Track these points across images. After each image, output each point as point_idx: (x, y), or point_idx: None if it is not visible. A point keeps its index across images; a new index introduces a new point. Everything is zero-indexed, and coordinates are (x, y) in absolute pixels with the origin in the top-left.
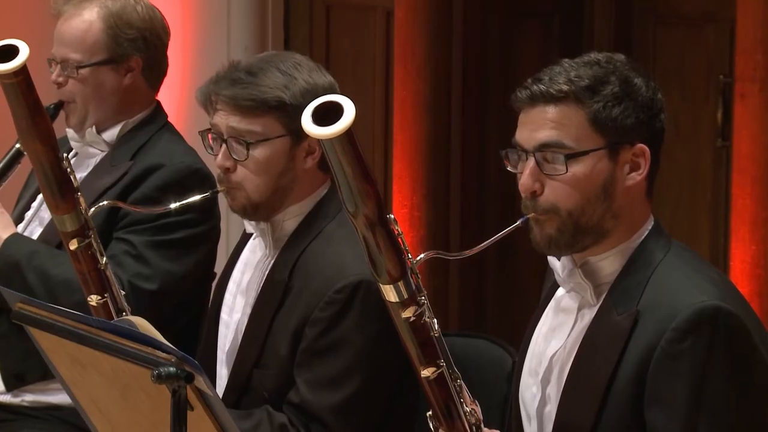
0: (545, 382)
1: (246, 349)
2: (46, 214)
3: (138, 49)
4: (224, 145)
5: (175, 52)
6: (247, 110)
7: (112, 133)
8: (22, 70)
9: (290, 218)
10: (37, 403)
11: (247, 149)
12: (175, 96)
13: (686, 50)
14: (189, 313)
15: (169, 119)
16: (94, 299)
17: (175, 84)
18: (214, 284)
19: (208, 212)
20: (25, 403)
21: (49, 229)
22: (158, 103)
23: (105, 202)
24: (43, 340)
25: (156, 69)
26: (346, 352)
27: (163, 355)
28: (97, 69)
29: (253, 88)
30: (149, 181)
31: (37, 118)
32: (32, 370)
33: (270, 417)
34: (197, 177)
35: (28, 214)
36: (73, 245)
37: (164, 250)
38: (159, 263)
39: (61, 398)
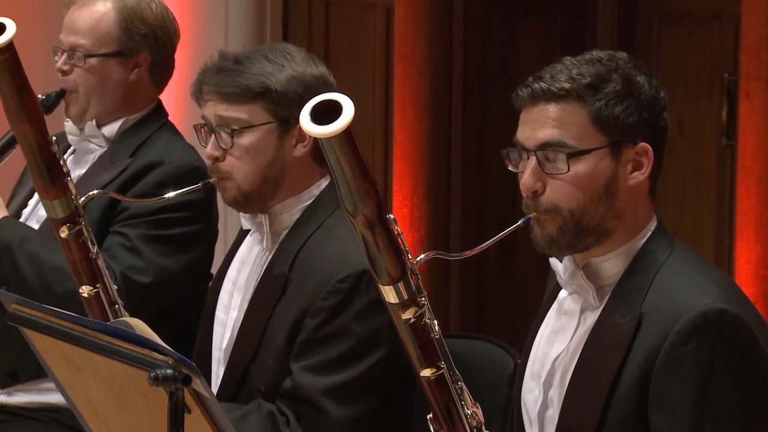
0: (547, 385)
1: (242, 343)
2: (43, 212)
3: (148, 45)
4: (213, 135)
5: None
6: (232, 97)
7: (111, 129)
8: (9, 47)
9: (288, 211)
10: (33, 403)
11: (232, 136)
12: (172, 94)
13: (690, 48)
14: (185, 313)
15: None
16: (85, 290)
17: (171, 82)
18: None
19: (205, 211)
20: (20, 404)
21: (46, 226)
22: (159, 101)
23: (95, 191)
24: (39, 342)
25: (163, 68)
26: (346, 340)
27: (160, 357)
28: (106, 60)
29: (237, 75)
30: (148, 177)
31: (26, 97)
32: (26, 367)
33: (259, 406)
34: (196, 174)
35: (26, 212)
36: (64, 233)
37: (159, 245)
38: (152, 257)
39: (56, 398)
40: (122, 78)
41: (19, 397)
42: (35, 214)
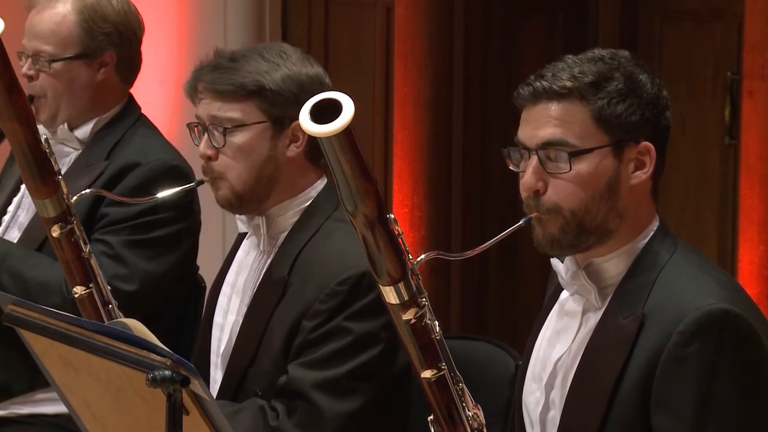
0: (549, 387)
1: (241, 349)
2: (24, 219)
3: (112, 43)
4: (206, 134)
5: (171, 49)
6: (226, 96)
7: (84, 131)
8: None
9: (284, 213)
10: (28, 413)
11: (224, 135)
12: (171, 94)
13: (693, 46)
14: (172, 312)
15: (161, 118)
16: (79, 290)
17: (170, 81)
18: (209, 287)
19: (186, 208)
20: (13, 415)
21: (28, 234)
22: (130, 96)
23: (88, 190)
24: (36, 343)
25: (130, 64)
26: (342, 338)
27: (158, 358)
28: (70, 63)
29: (232, 73)
30: (126, 180)
31: (15, 96)
32: (18, 381)
33: (252, 402)
34: (174, 174)
35: (6, 219)
36: (56, 232)
37: (142, 249)
38: (137, 263)
39: (50, 408)
40: (89, 79)
41: (14, 410)
42: (15, 222)
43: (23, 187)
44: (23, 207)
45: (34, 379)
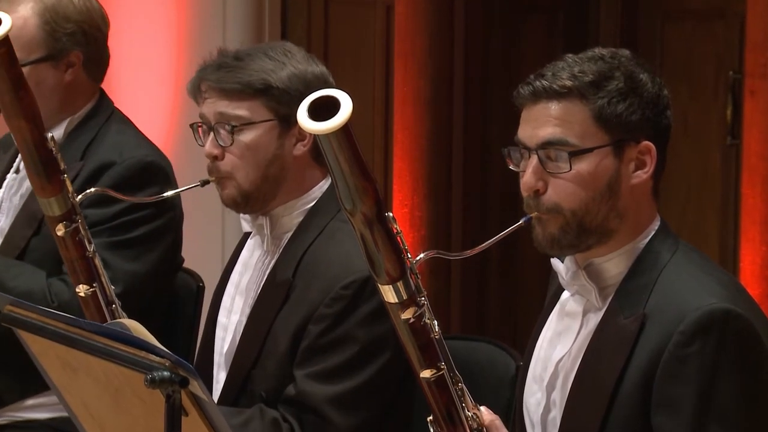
0: (550, 388)
1: (244, 350)
2: (5, 225)
3: (77, 43)
4: (212, 133)
5: (170, 49)
6: (232, 94)
7: (58, 133)
8: (5, 41)
9: (289, 214)
10: (24, 418)
11: (232, 133)
12: (170, 93)
13: (694, 46)
14: (160, 309)
15: (161, 118)
16: (82, 289)
17: (170, 80)
18: (209, 287)
19: (164, 203)
20: (8, 421)
21: (8, 241)
22: (101, 92)
23: (92, 189)
24: (33, 344)
25: (98, 62)
26: (350, 347)
27: (157, 359)
28: (36, 67)
29: (238, 71)
30: (102, 181)
31: (21, 93)
32: (9, 389)
33: (261, 413)
34: (150, 170)
35: None
36: (60, 231)
37: (124, 250)
38: (120, 265)
39: (41, 414)
40: (57, 81)
41: (6, 418)
42: None
43: (1, 192)
44: (3, 212)
45: (26, 389)
